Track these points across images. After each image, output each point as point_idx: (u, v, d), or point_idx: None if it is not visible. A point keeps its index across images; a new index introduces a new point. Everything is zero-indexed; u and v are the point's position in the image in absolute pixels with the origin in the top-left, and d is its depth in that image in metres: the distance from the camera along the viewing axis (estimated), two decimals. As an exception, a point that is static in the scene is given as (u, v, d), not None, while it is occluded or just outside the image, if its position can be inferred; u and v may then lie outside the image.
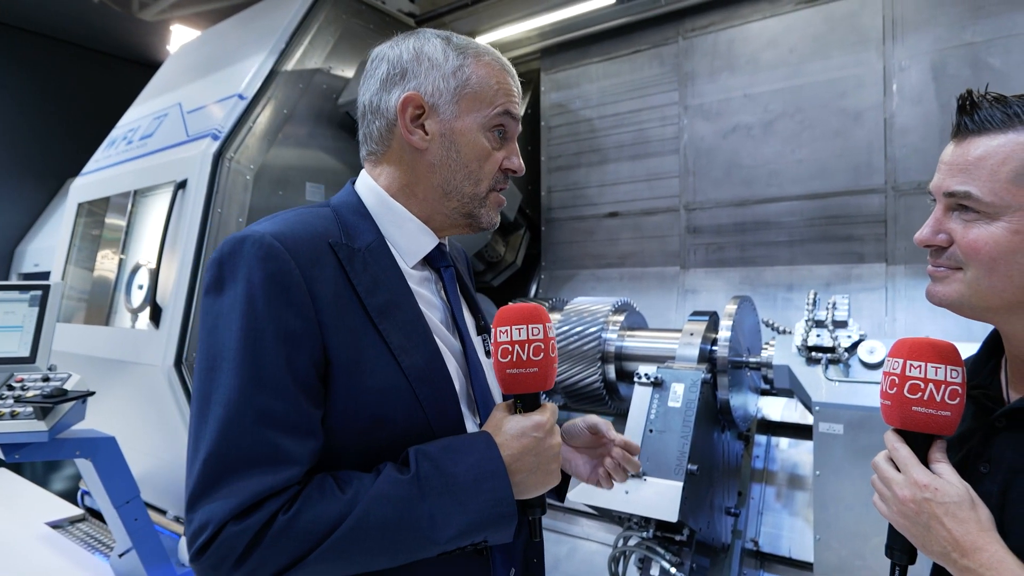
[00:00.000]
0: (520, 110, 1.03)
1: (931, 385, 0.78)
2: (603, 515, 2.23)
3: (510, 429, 0.88)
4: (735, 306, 2.38)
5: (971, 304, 0.81)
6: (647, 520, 2.06)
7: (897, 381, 0.81)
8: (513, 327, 0.90)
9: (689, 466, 2.02)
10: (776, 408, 2.89)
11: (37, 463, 4.57)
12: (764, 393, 2.81)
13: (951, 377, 0.78)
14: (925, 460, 0.80)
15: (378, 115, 0.99)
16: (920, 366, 0.79)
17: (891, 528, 0.84)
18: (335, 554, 0.77)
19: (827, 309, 2.18)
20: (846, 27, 2.83)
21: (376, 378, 0.86)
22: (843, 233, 2.85)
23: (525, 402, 0.92)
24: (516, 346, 0.89)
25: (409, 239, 0.98)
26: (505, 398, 0.97)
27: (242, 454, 0.77)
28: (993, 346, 0.92)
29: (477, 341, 1.05)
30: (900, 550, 0.83)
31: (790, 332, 2.36)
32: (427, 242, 1.00)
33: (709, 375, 2.23)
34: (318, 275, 0.85)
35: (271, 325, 0.80)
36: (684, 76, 3.26)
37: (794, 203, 2.97)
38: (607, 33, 3.48)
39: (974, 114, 0.80)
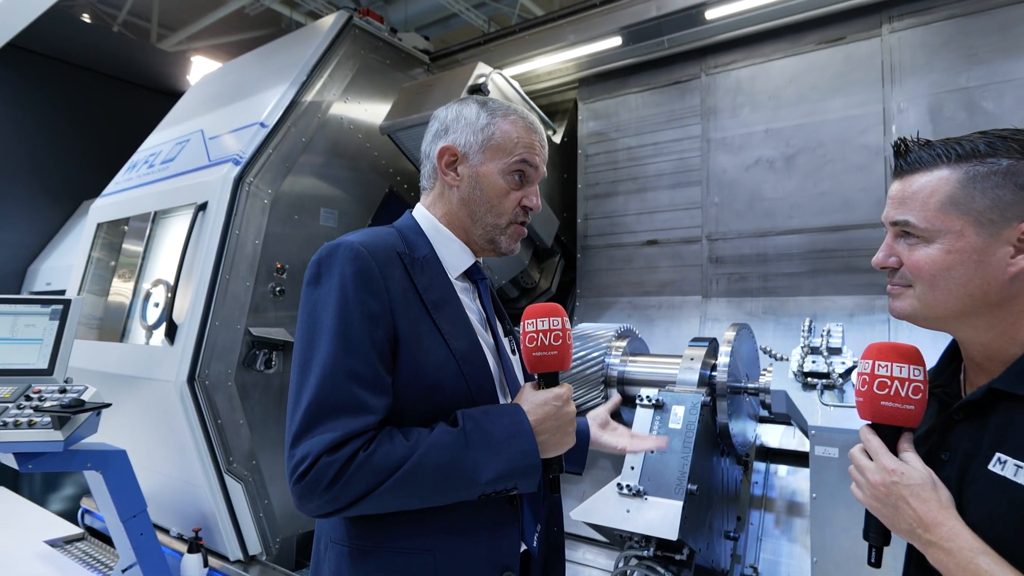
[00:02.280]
0: (540, 158, 1.27)
1: (896, 382, 0.91)
2: (604, 534, 2.27)
3: (535, 399, 1.11)
4: (734, 333, 2.46)
5: (923, 315, 0.94)
6: (647, 539, 2.10)
7: (867, 380, 0.93)
8: (538, 319, 1.14)
9: (689, 486, 2.07)
10: (775, 435, 2.94)
11: (36, 482, 4.56)
12: (763, 420, 2.87)
13: (914, 375, 0.91)
14: (894, 450, 0.92)
15: (428, 160, 1.27)
16: (887, 366, 0.92)
17: (867, 513, 0.95)
18: (400, 487, 0.99)
19: (822, 336, 2.27)
20: (867, 66, 2.96)
21: (431, 355, 1.10)
22: (866, 265, 2.89)
23: (547, 379, 1.14)
24: (540, 334, 1.13)
25: (453, 255, 1.24)
26: (529, 380, 1.20)
27: (335, 403, 1.00)
28: (953, 351, 1.04)
29: (505, 341, 1.29)
30: (875, 532, 0.94)
31: (787, 359, 2.44)
32: (467, 259, 1.26)
33: (708, 398, 2.30)
34: (390, 274, 1.10)
35: (358, 307, 1.05)
36: (707, 111, 3.40)
37: (816, 235, 3.06)
38: (641, 66, 3.60)
39: (907, 156, 0.95)
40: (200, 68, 5.88)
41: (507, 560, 1.13)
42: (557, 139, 3.89)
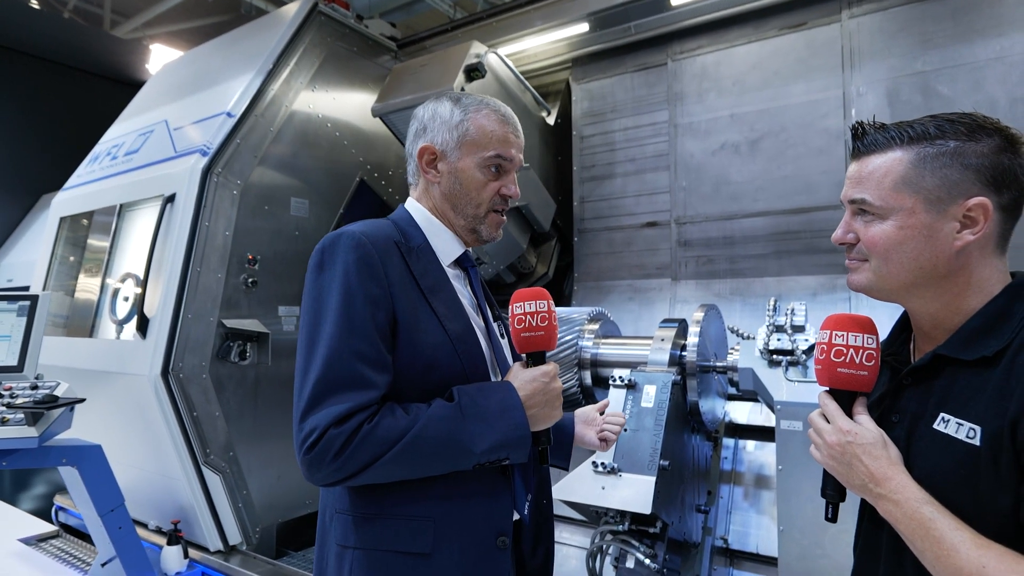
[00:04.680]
0: (515, 148, 1.33)
1: (851, 350, 0.97)
2: (581, 511, 2.34)
3: (525, 376, 1.20)
4: (702, 313, 2.54)
5: (878, 287, 1.00)
6: (623, 514, 2.18)
7: (825, 348, 1.00)
8: (525, 303, 1.23)
9: (661, 462, 2.15)
10: (743, 412, 3.05)
11: (5, 481, 4.47)
12: (731, 398, 2.97)
13: (867, 344, 0.98)
14: (849, 414, 0.99)
15: (411, 158, 1.35)
16: (843, 335, 0.98)
17: (824, 472, 1.02)
18: (402, 457, 1.07)
19: (786, 315, 2.35)
20: (828, 51, 3.03)
21: (428, 335, 1.18)
22: (827, 245, 3.00)
23: (534, 358, 1.24)
24: (528, 316, 1.22)
25: (444, 244, 1.32)
26: (517, 360, 1.29)
27: (341, 379, 1.08)
28: (904, 322, 1.11)
29: (494, 325, 1.37)
30: (832, 489, 1.02)
31: (754, 338, 2.53)
32: (458, 248, 1.34)
33: (679, 377, 2.38)
34: (389, 261, 1.18)
35: (361, 291, 1.12)
36: (673, 96, 3.45)
37: (780, 217, 3.15)
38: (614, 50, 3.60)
39: (864, 139, 1.01)
40: (160, 56, 5.73)
41: (501, 526, 1.21)
42: (551, 120, 3.88)
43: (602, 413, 1.59)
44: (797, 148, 3.08)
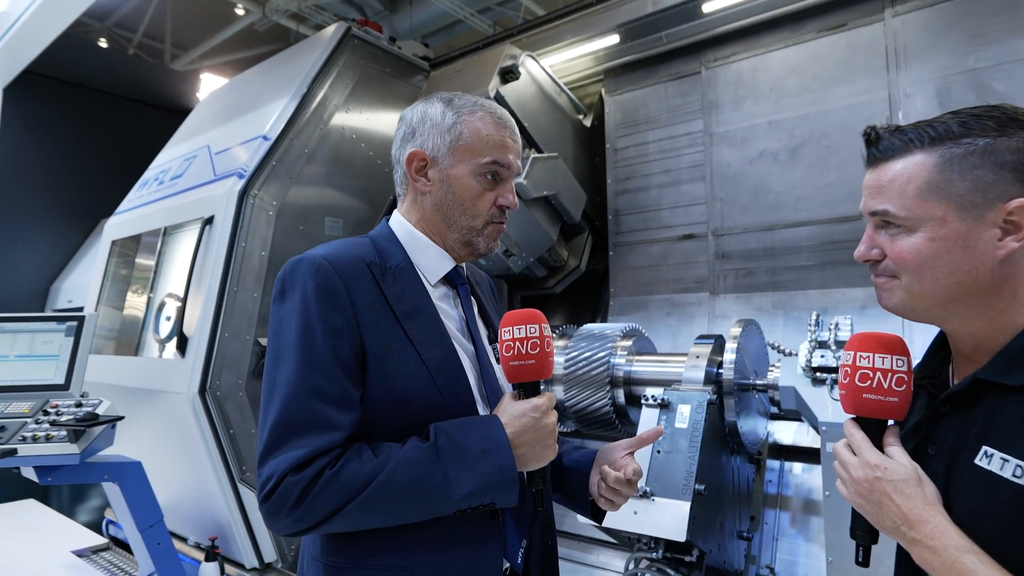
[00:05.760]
0: (513, 154, 1.20)
1: (879, 374, 0.87)
2: (613, 536, 2.25)
3: (513, 411, 1.06)
4: (740, 329, 2.42)
5: (912, 308, 0.89)
6: (656, 541, 2.08)
7: (849, 371, 0.89)
8: (515, 327, 1.08)
9: (696, 486, 2.04)
10: (788, 432, 2.89)
11: (64, 493, 4.68)
12: (775, 417, 2.82)
13: (897, 366, 0.87)
14: (880, 444, 0.87)
15: (399, 166, 1.22)
16: (868, 356, 0.88)
17: (853, 510, 0.91)
18: (369, 504, 0.96)
19: (830, 330, 2.22)
20: (871, 52, 2.89)
21: (402, 366, 1.06)
22: None
23: (526, 389, 1.09)
24: (517, 342, 1.07)
25: (430, 262, 1.19)
26: (515, 389, 1.15)
27: (299, 421, 0.98)
28: (942, 341, 0.99)
29: (490, 349, 1.24)
30: (862, 530, 0.90)
31: (796, 354, 2.40)
32: (446, 264, 1.21)
33: (715, 396, 2.27)
34: (357, 286, 1.07)
35: (320, 323, 1.02)
36: (708, 104, 3.35)
37: (824, 227, 3.00)
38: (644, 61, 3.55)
39: (878, 144, 0.91)
40: (208, 85, 5.99)
41: None
42: (587, 122, 3.87)
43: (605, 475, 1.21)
44: (840, 154, 2.94)
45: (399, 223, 1.23)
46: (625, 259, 3.70)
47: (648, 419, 2.25)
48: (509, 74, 2.99)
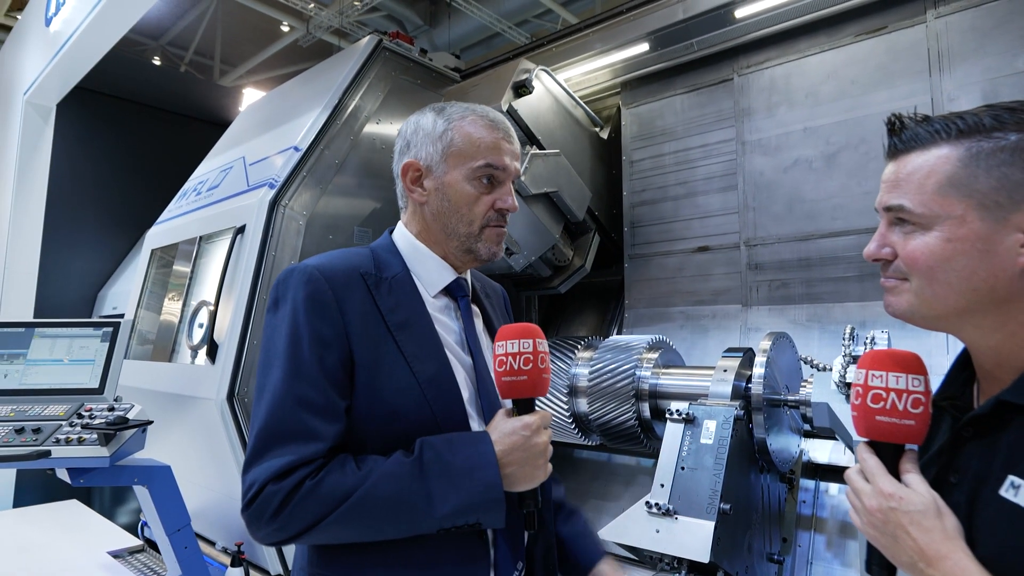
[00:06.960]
0: (509, 156, 1.18)
1: (893, 394, 0.79)
2: (635, 554, 2.18)
3: (504, 428, 1.04)
4: (770, 342, 2.34)
5: (921, 314, 0.82)
6: (679, 561, 2.00)
7: (861, 392, 0.82)
8: (508, 342, 1.06)
9: (722, 505, 1.96)
10: (824, 450, 2.77)
11: (105, 495, 4.82)
12: (810, 435, 2.70)
13: (913, 386, 0.79)
14: (896, 470, 0.80)
15: (397, 179, 1.24)
16: (881, 376, 0.80)
17: (868, 543, 0.83)
18: (349, 518, 0.95)
19: (865, 344, 2.12)
20: (912, 55, 2.77)
21: (392, 378, 1.05)
22: None
23: (519, 406, 1.07)
24: (509, 357, 1.05)
25: (430, 273, 1.19)
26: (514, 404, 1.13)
27: (283, 430, 0.98)
28: (966, 358, 0.90)
29: (488, 363, 1.20)
30: (878, 564, 0.82)
31: (830, 369, 2.29)
32: (446, 276, 1.20)
33: (743, 412, 2.19)
34: (348, 296, 1.07)
35: (308, 332, 1.02)
36: (740, 112, 3.27)
37: (863, 236, 2.85)
38: (673, 69, 3.50)
39: (902, 134, 0.85)
40: (249, 98, 6.17)
41: None
42: (604, 135, 3.84)
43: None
44: (879, 161, 2.77)
45: (401, 234, 1.24)
46: (642, 271, 3.63)
47: (672, 434, 2.18)
48: (522, 88, 2.98)
